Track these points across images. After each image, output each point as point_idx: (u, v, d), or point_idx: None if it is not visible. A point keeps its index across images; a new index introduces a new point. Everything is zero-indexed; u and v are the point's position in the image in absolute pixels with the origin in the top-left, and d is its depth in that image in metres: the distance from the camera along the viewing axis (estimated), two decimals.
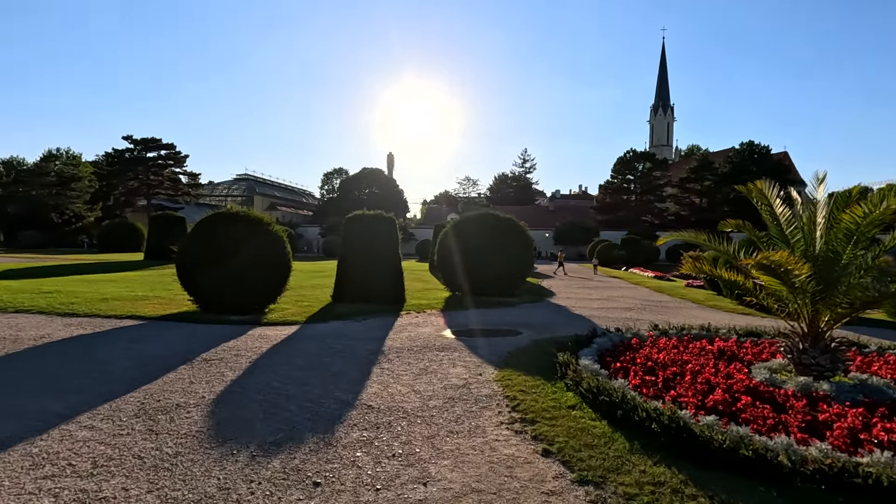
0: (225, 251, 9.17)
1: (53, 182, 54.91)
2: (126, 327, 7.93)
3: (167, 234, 26.86)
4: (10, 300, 10.06)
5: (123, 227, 42.44)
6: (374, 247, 11.67)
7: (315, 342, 7.12)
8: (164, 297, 11.73)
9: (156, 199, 59.77)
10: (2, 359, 5.73)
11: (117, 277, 18.21)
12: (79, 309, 9.29)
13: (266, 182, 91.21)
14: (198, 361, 5.79)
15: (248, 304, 9.46)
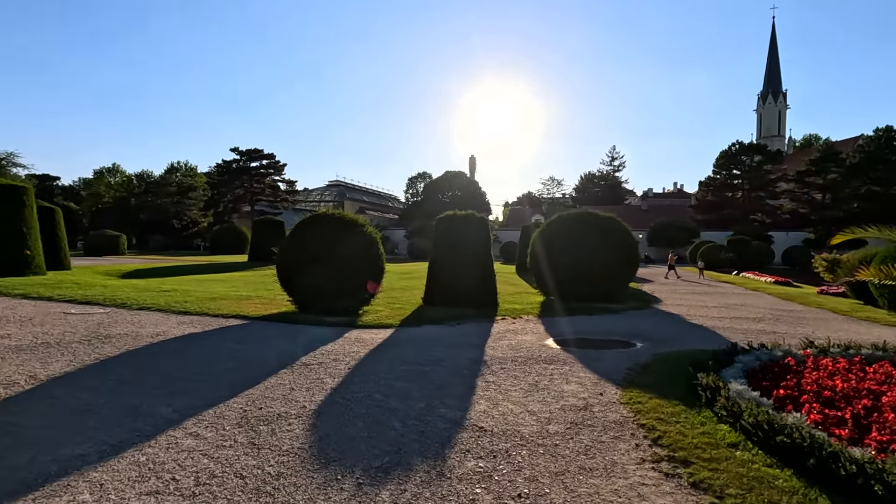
0: (321, 253, 9.20)
1: (175, 192, 61.56)
2: (231, 327, 8.14)
3: (268, 237, 28.60)
4: (136, 298, 10.91)
5: (231, 231, 46.18)
6: (465, 248, 11.22)
7: (412, 348, 6.75)
8: (266, 297, 12.16)
9: (258, 206, 64.70)
10: (125, 355, 5.96)
11: (225, 278, 19.54)
12: (191, 308, 9.80)
13: (355, 187, 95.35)
14: (298, 366, 5.63)
15: (343, 305, 9.42)
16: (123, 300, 10.49)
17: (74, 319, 8.30)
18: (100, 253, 35.56)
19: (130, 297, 11.06)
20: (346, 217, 9.81)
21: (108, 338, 6.84)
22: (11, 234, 14.14)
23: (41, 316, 8.58)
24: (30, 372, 5.11)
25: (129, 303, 10.23)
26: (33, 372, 5.10)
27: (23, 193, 14.67)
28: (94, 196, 67.91)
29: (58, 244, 17.88)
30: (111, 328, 7.56)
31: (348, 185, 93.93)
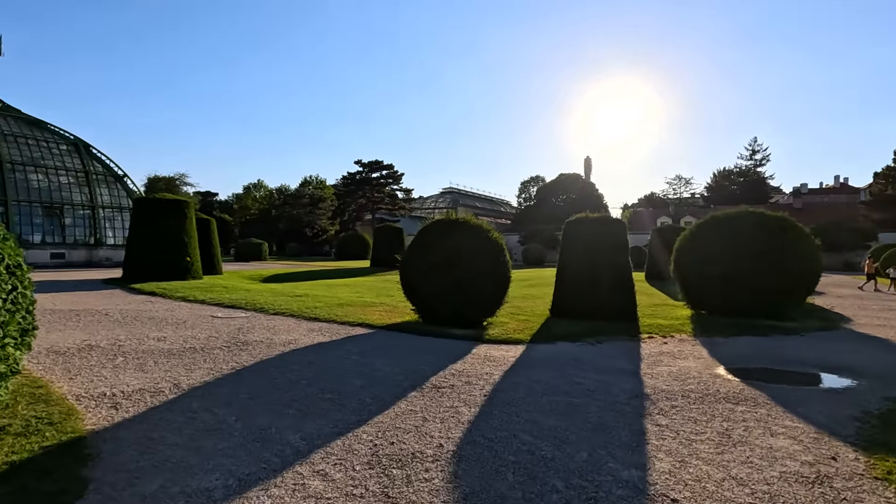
0: (445, 260, 8.70)
1: (307, 203, 67.56)
2: (357, 336, 7.95)
3: (387, 243, 29.58)
4: (272, 302, 11.47)
5: (354, 238, 49.09)
6: (599, 254, 9.99)
7: (553, 372, 5.84)
8: (388, 304, 12.08)
9: (378, 213, 68.32)
10: (259, 365, 5.91)
11: (350, 283, 20.32)
12: (320, 314, 9.94)
13: (468, 193, 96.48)
14: (427, 388, 5.05)
15: (467, 315, 8.83)
16: (262, 304, 11.05)
17: (219, 324, 8.77)
18: (247, 258, 39.94)
19: (268, 301, 11.66)
20: (469, 222, 9.22)
21: (245, 345, 6.97)
22: (176, 243, 16.04)
23: (193, 319, 9.24)
24: (174, 379, 5.18)
25: (266, 307, 10.74)
26: (177, 380, 5.17)
27: (185, 207, 16.60)
28: (243, 209, 77.33)
29: (212, 252, 20.06)
30: (249, 334, 7.78)
31: (461, 192, 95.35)
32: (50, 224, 26.30)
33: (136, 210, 16.60)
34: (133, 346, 6.77)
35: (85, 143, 29.62)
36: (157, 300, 12.10)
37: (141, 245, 15.84)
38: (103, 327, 8.15)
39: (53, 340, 6.99)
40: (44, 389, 4.65)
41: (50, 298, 11.61)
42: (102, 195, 28.38)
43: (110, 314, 9.52)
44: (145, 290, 13.66)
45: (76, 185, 27.96)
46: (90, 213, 27.95)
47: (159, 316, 9.47)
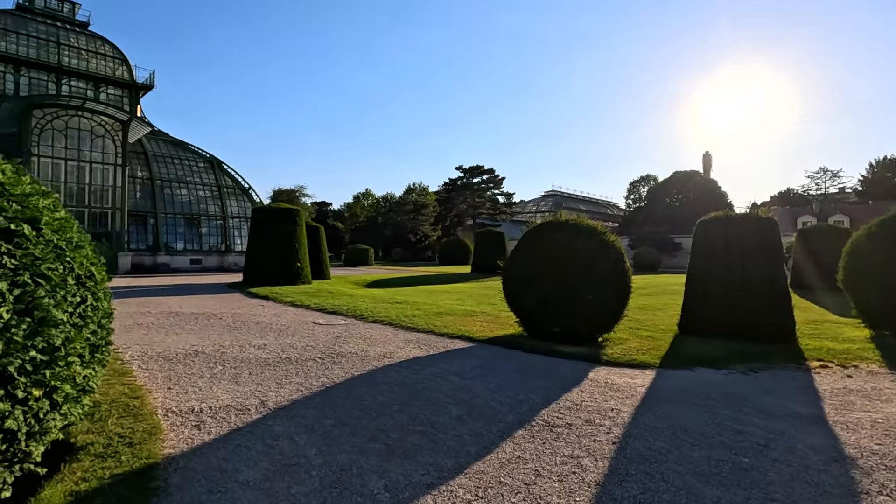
0: (554, 267, 7.68)
1: (411, 210, 69.55)
2: (456, 351, 7.23)
3: (489, 249, 28.86)
4: (372, 309, 11.27)
5: (456, 243, 49.21)
6: (745, 258, 8.25)
7: (699, 412, 4.57)
8: (490, 313, 11.27)
9: (479, 218, 68.13)
10: (349, 382, 5.44)
11: (451, 289, 19.90)
12: (418, 323, 9.44)
13: (571, 196, 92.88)
14: (539, 426, 4.13)
15: (580, 331, 7.69)
16: (361, 312, 10.88)
17: (318, 331, 8.62)
18: (354, 264, 41.84)
19: (368, 308, 11.50)
20: (581, 223, 8.08)
21: (339, 357, 6.59)
22: (287, 250, 16.83)
23: (296, 325, 9.24)
24: (263, 395, 4.86)
25: (365, 314, 10.52)
26: (266, 396, 4.83)
27: (295, 215, 17.39)
28: (352, 216, 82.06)
29: (321, 257, 20.91)
30: (344, 344, 7.44)
31: (564, 194, 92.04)
32: (190, 233, 29.63)
33: (253, 219, 17.76)
34: (234, 353, 6.72)
35: (218, 161, 33.05)
36: (267, 304, 12.57)
37: (257, 251, 16.87)
38: (214, 332, 8.38)
39: (168, 345, 7.22)
40: (139, 401, 4.55)
41: (179, 301, 12.59)
42: (232, 206, 31.37)
43: (224, 318, 9.91)
44: (259, 294, 14.37)
45: (211, 198, 31.23)
46: (222, 223, 31.01)
47: (265, 321, 9.64)
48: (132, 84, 31.72)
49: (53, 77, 28.98)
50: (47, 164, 23.70)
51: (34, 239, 2.77)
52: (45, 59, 28.76)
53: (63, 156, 24.20)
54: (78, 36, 30.61)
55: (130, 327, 8.68)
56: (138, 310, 10.88)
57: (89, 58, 30.67)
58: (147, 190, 28.46)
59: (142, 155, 29.22)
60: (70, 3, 31.63)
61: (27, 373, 2.61)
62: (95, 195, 25.20)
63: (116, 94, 31.35)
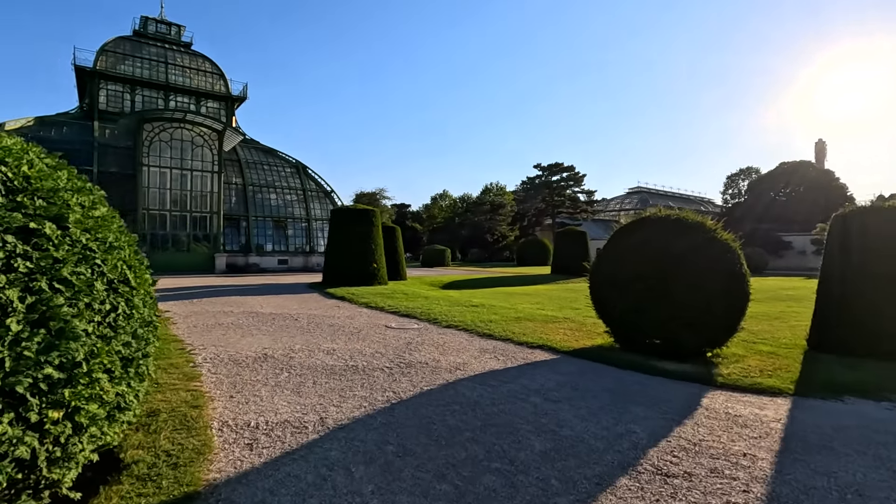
0: (654, 268, 6.62)
1: (488, 210, 68.82)
2: (537, 364, 6.43)
3: (570, 249, 27.41)
4: (446, 313, 10.74)
5: (534, 243, 47.77)
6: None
7: (875, 467, 3.42)
8: (574, 319, 10.28)
9: (559, 218, 65.81)
10: (417, 399, 4.88)
11: (530, 291, 18.93)
12: (495, 329, 8.73)
13: (659, 193, 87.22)
14: (647, 473, 3.26)
15: (684, 344, 6.56)
16: (435, 315, 10.38)
17: (390, 336, 8.21)
18: (431, 264, 41.95)
19: (442, 311, 10.99)
20: (687, 219, 6.91)
21: (408, 367, 6.07)
22: (364, 250, 16.86)
23: (367, 329, 8.93)
24: (324, 410, 4.42)
25: (439, 318, 10.01)
26: (326, 412, 4.40)
27: (371, 215, 17.40)
28: (430, 217, 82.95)
29: (397, 258, 20.87)
30: (415, 352, 6.93)
31: (651, 191, 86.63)
32: (277, 235, 31.21)
33: (331, 220, 18.05)
34: (302, 358, 6.45)
35: (303, 165, 34.57)
36: (343, 305, 12.51)
37: (335, 252, 17.09)
38: (287, 334, 8.27)
39: (241, 347, 7.15)
40: (198, 411, 4.30)
41: (261, 301, 12.92)
42: (315, 209, 32.64)
43: (299, 319, 9.87)
44: (336, 294, 14.44)
45: (297, 202, 32.72)
46: (306, 225, 32.35)
47: (338, 324, 9.44)
48: (228, 96, 34.11)
49: (162, 94, 31.92)
50: (156, 172, 26.04)
51: (57, 239, 2.45)
52: (156, 78, 31.74)
53: (168, 164, 26.47)
54: (182, 55, 33.48)
55: (212, 327, 8.84)
56: (223, 309, 11.22)
57: (192, 75, 33.43)
58: (240, 194, 30.38)
59: (236, 163, 31.28)
60: (176, 27, 34.71)
61: (41, 392, 2.27)
62: (196, 200, 27.29)
63: (215, 106, 33.89)
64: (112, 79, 30.36)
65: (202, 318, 9.79)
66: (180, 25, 34.71)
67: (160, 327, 8.69)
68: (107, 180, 26.02)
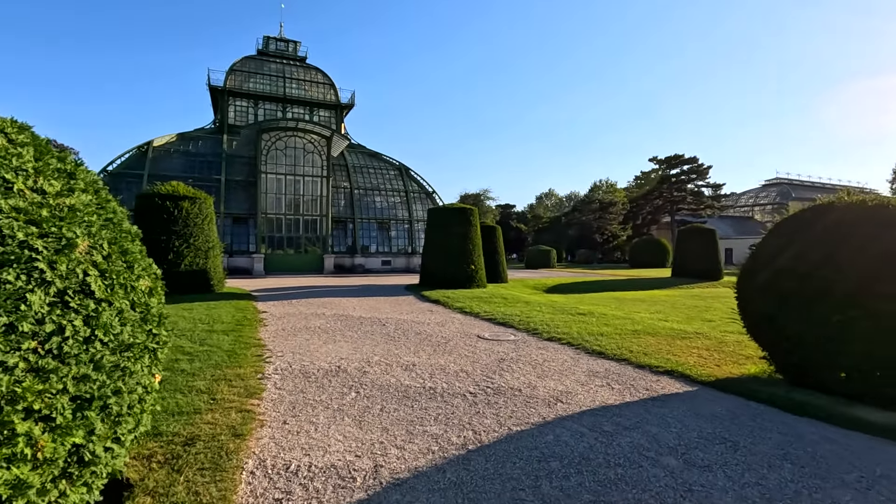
0: (856, 274, 4.71)
1: (597, 208, 64.74)
2: (667, 399, 4.90)
3: (695, 249, 24.11)
4: (549, 322, 9.40)
5: (649, 243, 43.61)
6: None
7: None
8: (708, 335, 8.32)
9: (678, 215, 59.68)
10: (501, 445, 3.74)
11: (646, 297, 16.65)
12: (607, 346, 7.23)
13: (803, 184, 75.65)
14: None
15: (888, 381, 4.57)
16: (536, 325, 9.10)
17: (481, 349, 7.14)
18: (535, 266, 40.14)
19: (544, 320, 9.66)
20: None
21: (497, 393, 4.94)
22: (461, 251, 16.00)
23: (457, 339, 7.95)
24: (382, 455, 3.48)
25: (540, 329, 8.71)
26: (385, 457, 3.44)
27: (469, 214, 16.49)
28: (535, 217, 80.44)
29: (497, 259, 19.75)
30: (507, 373, 5.76)
31: (793, 182, 75.47)
32: (381, 236, 31.85)
33: (428, 220, 17.48)
34: (376, 374, 5.64)
35: (406, 168, 34.99)
36: (437, 310, 11.72)
37: (432, 253, 16.47)
38: (370, 342, 7.60)
39: (318, 356, 6.57)
40: (238, 442, 3.60)
41: (355, 303, 12.63)
42: (417, 210, 32.79)
43: (387, 325, 9.22)
44: (431, 297, 13.75)
45: (400, 203, 33.16)
46: (408, 227, 32.61)
47: (426, 332, 8.60)
48: (337, 105, 35.74)
49: (280, 106, 34.36)
50: (272, 178, 27.91)
51: None
52: (276, 92, 34.27)
53: (283, 171, 28.23)
54: (298, 69, 35.78)
55: (298, 331, 8.51)
56: (316, 311, 11.04)
57: (306, 86, 35.58)
58: (347, 198, 31.52)
59: (343, 167, 32.55)
60: (293, 43, 37.25)
61: None
62: (307, 204, 28.78)
63: (326, 115, 35.71)
64: (239, 95, 33.34)
65: (293, 321, 9.58)
66: (296, 42, 37.14)
67: (249, 330, 8.59)
68: (232, 188, 28.51)
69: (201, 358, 6.10)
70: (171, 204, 12.82)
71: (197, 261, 13.07)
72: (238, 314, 9.92)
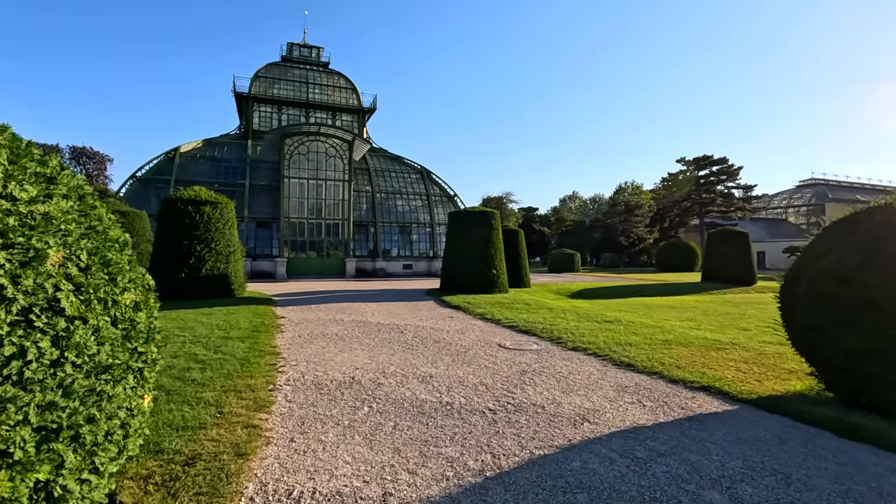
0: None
1: (622, 211, 63.43)
2: (704, 420, 4.49)
3: (727, 252, 23.20)
4: (573, 330, 9.01)
5: (677, 246, 42.42)
6: None
7: None
8: (745, 346, 7.81)
9: (708, 217, 57.96)
10: (521, 472, 3.43)
11: (675, 303, 16.01)
12: (637, 357, 6.82)
13: (841, 185, 72.70)
14: None
15: None
16: (560, 333, 8.72)
17: (502, 359, 6.82)
18: (559, 270, 39.42)
19: (569, 328, 9.27)
20: None
21: (518, 410, 4.62)
22: (482, 255, 15.68)
23: (477, 347, 7.65)
24: (392, 481, 3.20)
25: (564, 337, 8.34)
26: (395, 483, 3.17)
27: (490, 217, 16.16)
28: (559, 220, 79.28)
29: (519, 263, 19.33)
30: (529, 386, 5.43)
31: (829, 183, 72.60)
32: (403, 240, 31.74)
33: (448, 224, 17.22)
34: (391, 386, 5.39)
35: (427, 171, 34.86)
36: (456, 316, 11.44)
37: (452, 257, 16.19)
38: (387, 350, 7.36)
39: (332, 366, 6.36)
40: (240, 462, 3.38)
41: (374, 309, 12.44)
42: (439, 214, 32.58)
43: (405, 332, 8.97)
44: (452, 303, 13.46)
45: (421, 207, 33.02)
46: (430, 230, 32.43)
47: (446, 339, 8.32)
48: (360, 109, 35.89)
49: (304, 111, 34.69)
50: (295, 183, 28.11)
51: None
52: (299, 97, 34.63)
53: (306, 176, 28.40)
54: (321, 74, 36.09)
55: (315, 338, 8.34)
56: (335, 317, 10.88)
57: (329, 91, 35.85)
58: (369, 201, 31.53)
59: (365, 171, 32.60)
60: (316, 49, 37.62)
61: None
62: (329, 208, 28.88)
63: (348, 119, 35.90)
64: (263, 101, 33.80)
65: (310, 327, 9.43)
66: (319, 48, 37.49)
67: (266, 337, 8.46)
68: (256, 192, 28.84)
69: (213, 367, 5.95)
70: (193, 209, 12.89)
71: (218, 265, 13.10)
72: (256, 320, 9.82)
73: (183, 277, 12.53)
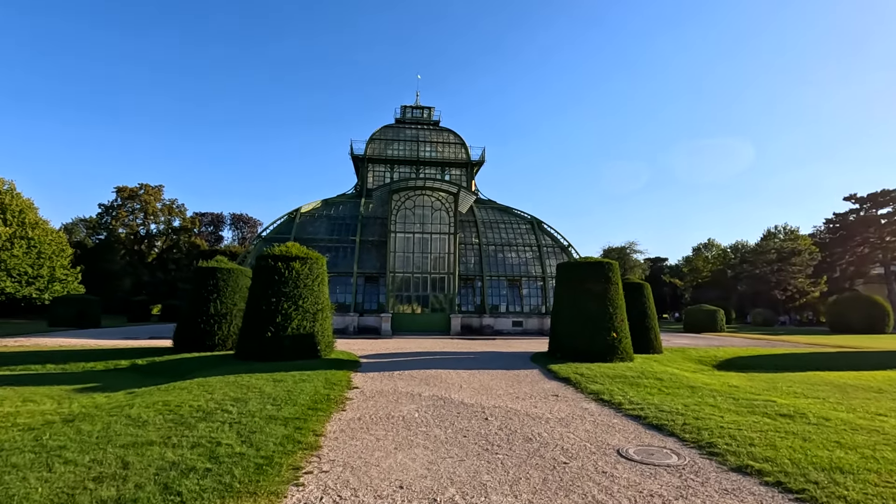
0: None
1: (773, 259, 54.17)
2: None
3: None
4: (731, 428, 6.18)
5: (858, 301, 34.23)
6: None
7: None
8: None
9: (894, 265, 46.73)
10: None
11: (883, 383, 11.52)
12: (853, 491, 3.98)
13: None
14: None
15: None
16: (713, 437, 5.96)
17: (622, 485, 4.45)
18: (698, 329, 33.76)
19: (725, 426, 6.44)
20: None
21: None
22: (598, 314, 13.03)
23: (583, 458, 5.32)
24: None
25: (719, 444, 5.62)
26: None
27: (608, 270, 13.56)
28: (693, 271, 70.57)
29: (647, 324, 16.08)
30: None
31: None
32: (512, 294, 29.63)
33: (557, 277, 14.90)
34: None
35: (538, 221, 32.86)
36: (563, 394, 9.04)
37: (561, 316, 13.74)
38: (454, 455, 5.40)
39: (373, 477, 4.59)
40: None
41: (465, 379, 10.53)
42: (551, 266, 30.06)
43: (490, 422, 6.91)
44: (561, 374, 11.01)
45: (532, 259, 30.86)
46: (542, 284, 29.94)
47: (542, 437, 6.10)
48: (468, 162, 35.71)
49: (414, 168, 35.46)
50: (402, 237, 28.03)
51: None
52: (411, 155, 35.62)
53: (412, 230, 28.23)
54: (431, 132, 36.95)
55: (375, 422, 6.70)
56: (413, 390, 9.21)
57: (439, 148, 36.41)
58: (476, 254, 30.29)
59: (472, 223, 31.68)
60: (428, 109, 38.94)
61: None
62: (434, 262, 28.15)
63: (457, 173, 35.85)
64: (377, 161, 35.29)
65: (378, 405, 7.85)
66: (430, 108, 38.71)
67: (319, 418, 6.94)
68: (367, 248, 29.31)
69: (223, 469, 4.53)
70: (283, 265, 12.52)
71: (304, 324, 12.40)
72: (323, 391, 8.53)
73: (269, 337, 11.97)
